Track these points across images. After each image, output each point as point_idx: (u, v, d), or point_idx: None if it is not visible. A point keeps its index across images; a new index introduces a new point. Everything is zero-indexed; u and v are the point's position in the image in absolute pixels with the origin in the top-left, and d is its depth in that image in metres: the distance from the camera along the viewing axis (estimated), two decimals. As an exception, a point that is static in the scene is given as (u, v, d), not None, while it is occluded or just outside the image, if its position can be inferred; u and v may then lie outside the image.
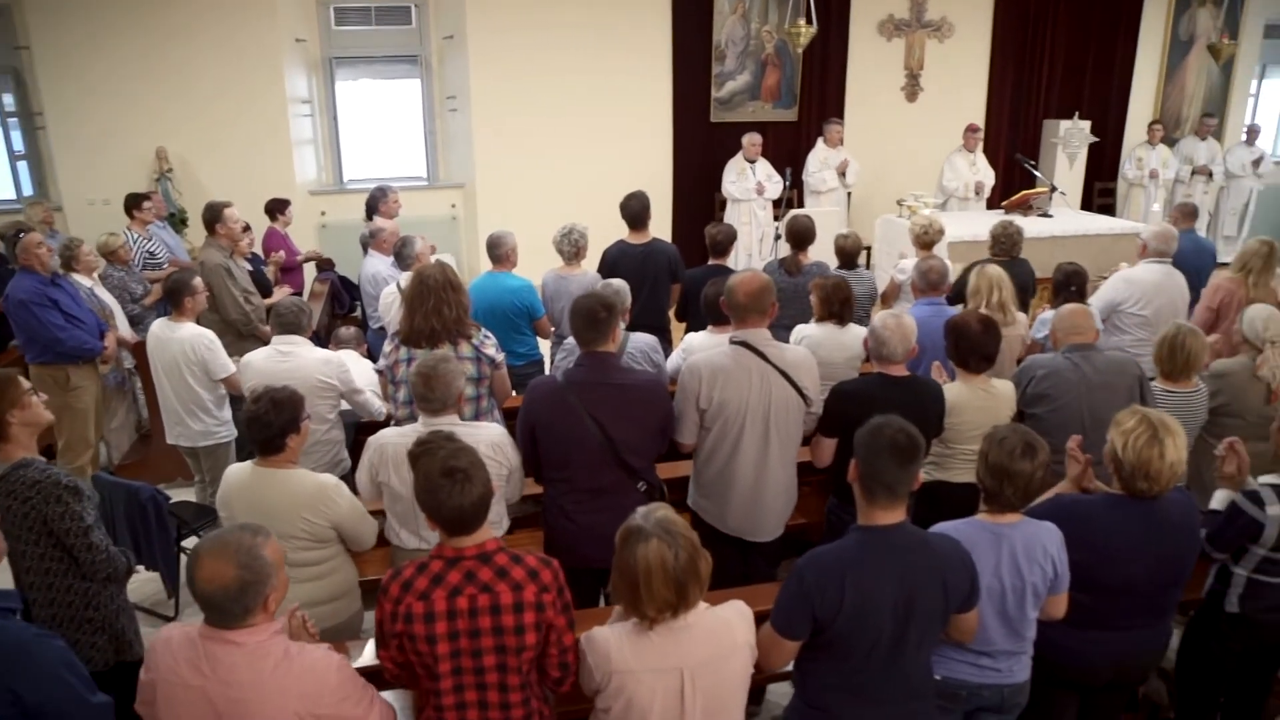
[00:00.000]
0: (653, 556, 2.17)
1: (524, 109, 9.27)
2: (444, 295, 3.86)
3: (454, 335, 3.90)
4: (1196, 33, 11.50)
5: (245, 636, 2.16)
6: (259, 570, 2.15)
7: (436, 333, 3.87)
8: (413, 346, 3.89)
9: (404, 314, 3.94)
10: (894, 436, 2.42)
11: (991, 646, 2.77)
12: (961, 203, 9.37)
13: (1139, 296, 5.51)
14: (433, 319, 3.85)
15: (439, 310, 3.85)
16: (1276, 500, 3.05)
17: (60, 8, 8.06)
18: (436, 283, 3.86)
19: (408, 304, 3.91)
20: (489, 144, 9.30)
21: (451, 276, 3.94)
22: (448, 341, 3.89)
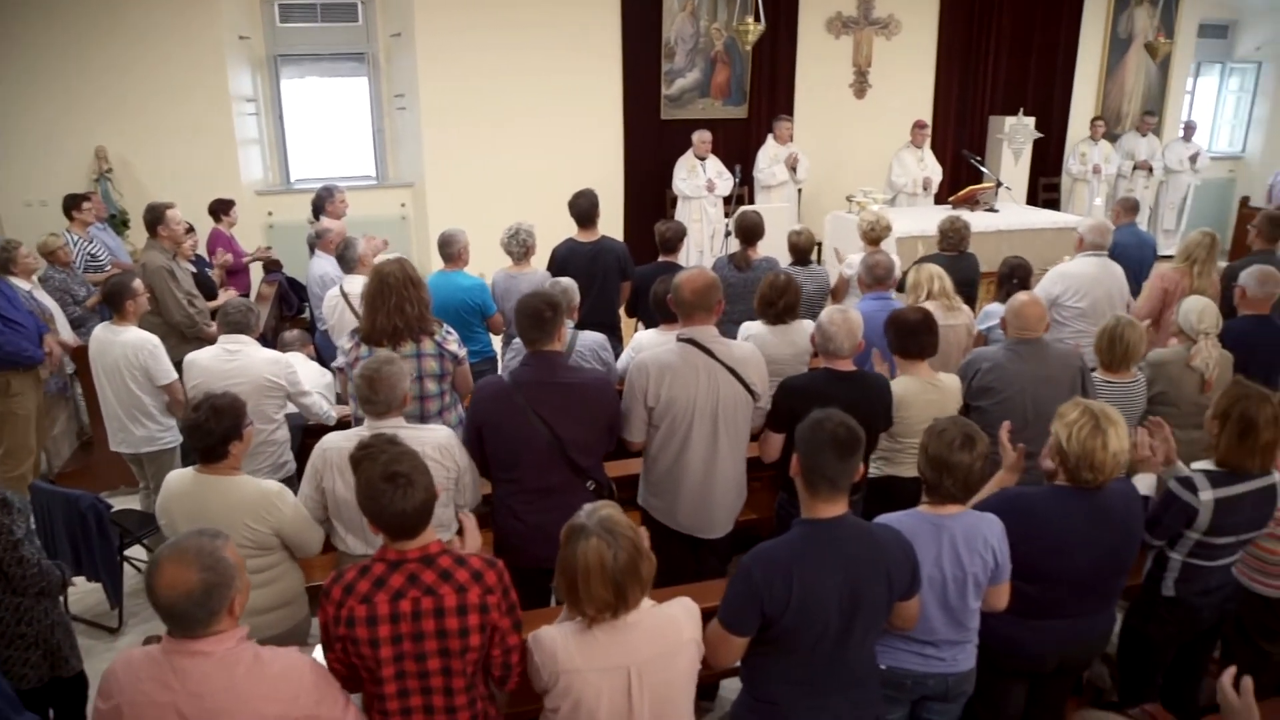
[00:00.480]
0: (591, 555, 2.17)
1: (474, 107, 9.20)
2: (406, 292, 3.83)
3: (417, 332, 3.87)
4: (1135, 31, 11.77)
5: (213, 645, 2.09)
6: (223, 572, 2.09)
7: (400, 330, 3.83)
8: (375, 345, 3.84)
9: (365, 312, 3.89)
10: (834, 430, 2.44)
11: (935, 636, 2.80)
12: (910, 198, 9.49)
13: (1075, 289, 5.62)
14: (395, 317, 3.81)
15: (401, 308, 3.81)
16: (1209, 486, 3.11)
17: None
18: (397, 280, 3.82)
19: (369, 302, 3.86)
20: (438, 142, 9.22)
21: (411, 273, 3.91)
22: (410, 339, 3.86)
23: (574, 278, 4.87)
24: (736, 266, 5.47)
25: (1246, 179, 13.31)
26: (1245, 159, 13.57)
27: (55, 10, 7.95)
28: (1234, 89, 13.63)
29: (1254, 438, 3.07)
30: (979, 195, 8.79)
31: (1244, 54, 13.31)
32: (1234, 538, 3.18)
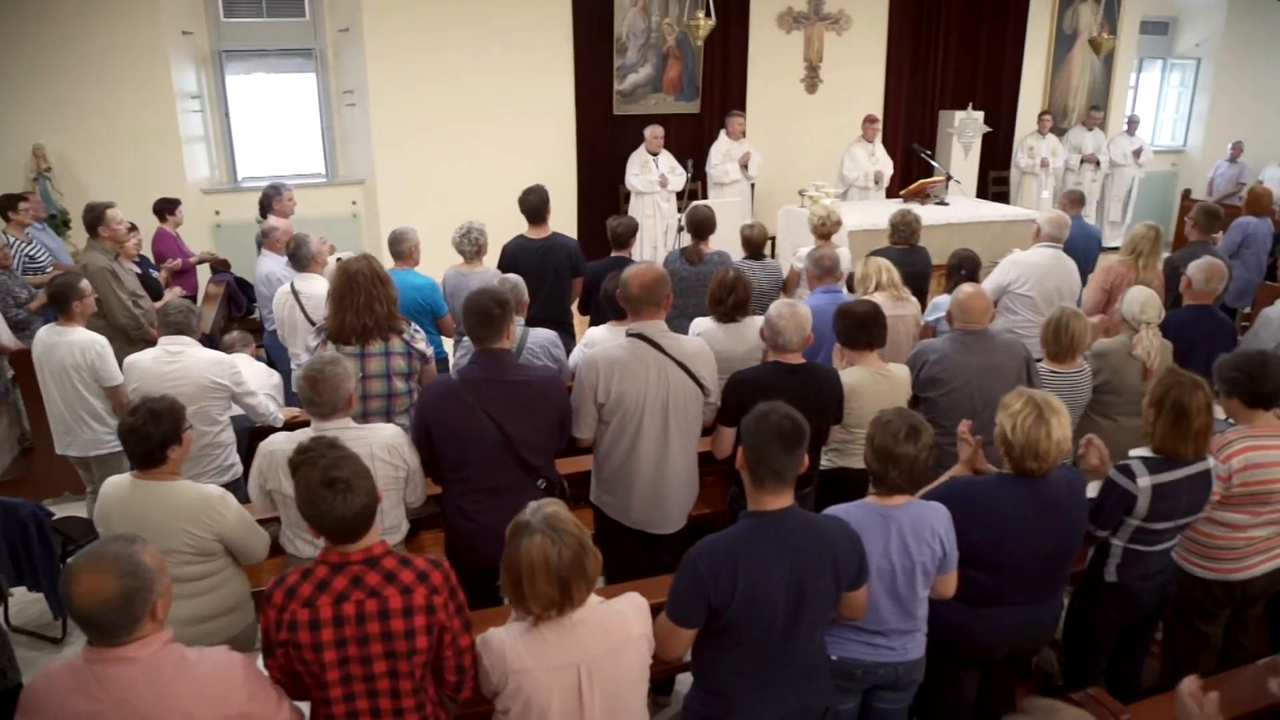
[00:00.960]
0: (536, 552, 2.16)
1: (424, 103, 9.11)
2: (374, 290, 3.79)
3: (386, 331, 3.83)
4: (1079, 27, 11.98)
5: (137, 650, 2.05)
6: (142, 577, 2.05)
7: (369, 329, 3.79)
8: (343, 343, 3.79)
9: (333, 310, 3.83)
10: (779, 423, 2.45)
11: (885, 626, 2.82)
12: (862, 192, 9.56)
13: (1027, 278, 5.71)
14: (365, 315, 3.77)
15: (370, 306, 3.77)
16: (1147, 472, 3.16)
17: (-76, -1, 7.61)
18: (366, 278, 3.78)
19: (336, 300, 3.81)
20: (389, 139, 9.11)
21: (380, 270, 3.87)
22: (379, 337, 3.82)
23: (525, 275, 4.85)
24: (688, 261, 5.48)
25: (1189, 172, 13.62)
26: (1187, 153, 13.88)
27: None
28: (1175, 84, 13.93)
29: (1187, 424, 3.13)
30: (929, 189, 8.89)
31: (1184, 50, 13.61)
32: (1172, 523, 3.23)
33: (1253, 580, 3.49)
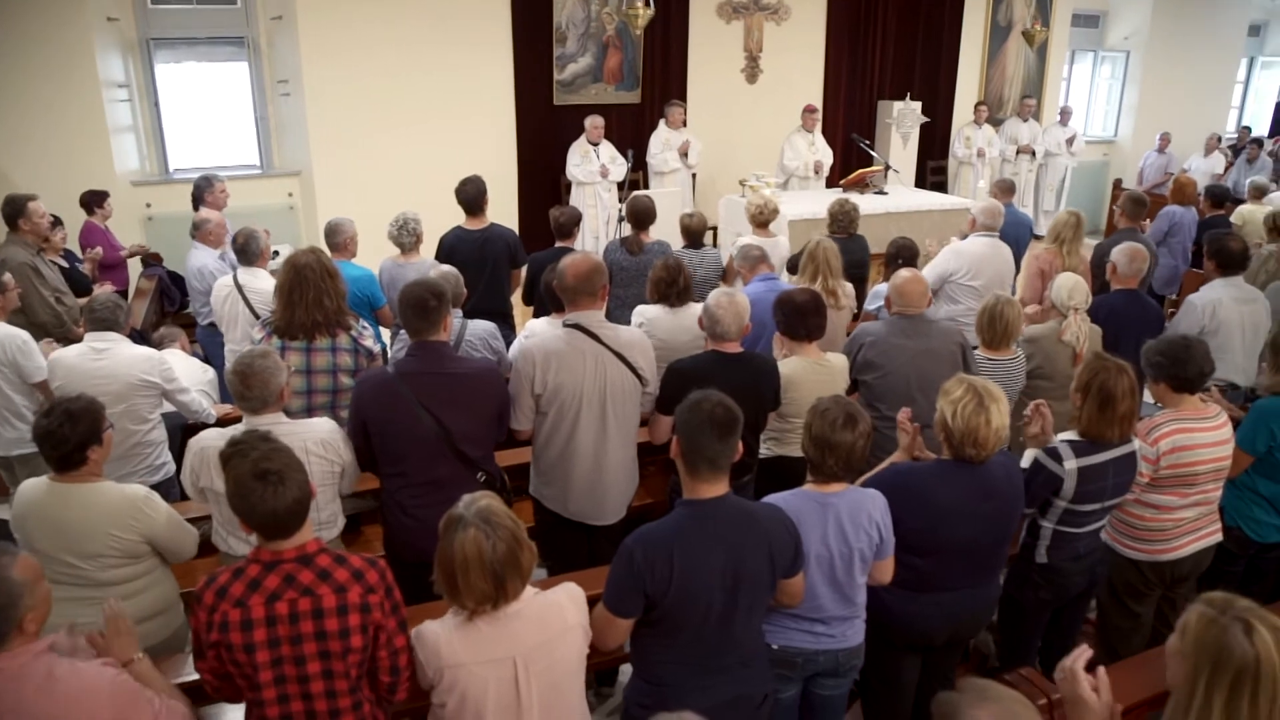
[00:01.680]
0: (469, 547, 2.14)
1: (361, 92, 8.94)
2: (324, 285, 3.73)
3: (334, 327, 3.78)
4: (1013, 19, 12.21)
5: (2, 662, 2.00)
6: (7, 592, 2.00)
7: (319, 324, 3.74)
8: (290, 339, 3.73)
9: (281, 306, 3.76)
10: (712, 411, 2.45)
11: (824, 613, 2.84)
12: (802, 182, 9.64)
13: (968, 268, 5.81)
14: (315, 311, 3.71)
15: (320, 301, 3.71)
16: (1073, 455, 3.22)
17: None
18: (315, 273, 3.72)
19: (284, 296, 3.74)
20: (325, 129, 8.94)
21: (328, 264, 3.81)
22: (327, 333, 3.76)
23: (463, 266, 4.80)
24: (629, 251, 5.47)
25: (1120, 162, 13.98)
26: (1118, 143, 14.24)
27: (-101, -11, 7.43)
28: (1106, 76, 14.27)
29: (1113, 409, 3.19)
30: (868, 178, 8.99)
31: (1114, 43, 13.96)
32: (1099, 504, 3.30)
33: (1181, 560, 3.59)
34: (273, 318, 3.85)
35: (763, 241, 5.79)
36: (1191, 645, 1.83)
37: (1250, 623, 1.77)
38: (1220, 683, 1.76)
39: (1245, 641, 1.75)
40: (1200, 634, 1.82)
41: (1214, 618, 1.81)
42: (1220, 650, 1.77)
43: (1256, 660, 1.74)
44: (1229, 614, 1.80)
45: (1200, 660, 1.80)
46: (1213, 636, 1.79)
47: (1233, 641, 1.76)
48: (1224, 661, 1.76)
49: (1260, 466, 3.76)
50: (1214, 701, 1.76)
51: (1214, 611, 1.82)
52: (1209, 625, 1.81)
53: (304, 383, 3.81)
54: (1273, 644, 1.75)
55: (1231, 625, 1.78)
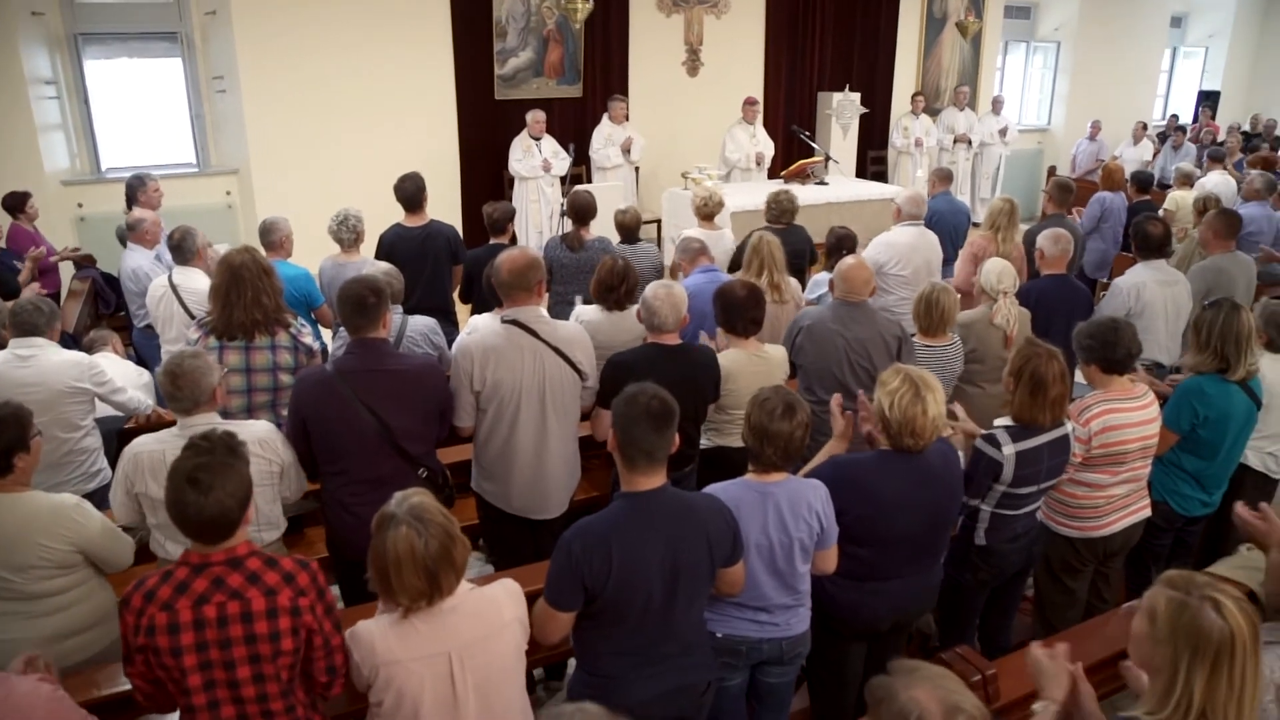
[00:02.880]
0: (401, 544, 2.13)
1: (299, 89, 8.80)
2: (261, 283, 3.70)
3: (272, 325, 3.74)
4: (948, 11, 12.41)
5: None
6: None
7: (257, 323, 3.70)
8: (229, 339, 3.69)
9: (218, 306, 3.72)
10: (648, 404, 2.47)
11: (767, 602, 2.86)
12: (744, 173, 9.71)
13: (898, 258, 5.91)
14: (253, 310, 3.68)
15: (259, 300, 3.68)
16: (1010, 440, 3.28)
17: None
18: (251, 271, 3.69)
19: (221, 296, 3.70)
20: (263, 127, 8.78)
21: (264, 262, 3.78)
22: (266, 332, 3.73)
23: (404, 263, 4.77)
24: (569, 247, 5.46)
25: (1053, 149, 14.31)
26: (1051, 131, 14.57)
27: None
28: (1038, 66, 14.58)
29: (1044, 394, 3.25)
30: (809, 169, 9.08)
31: (1045, 34, 14.27)
32: (1035, 486, 3.37)
33: (1113, 536, 3.69)
34: (208, 318, 3.80)
35: (708, 233, 5.84)
36: (1167, 630, 1.84)
37: (1218, 600, 1.81)
38: (1201, 664, 1.79)
39: (1219, 620, 1.79)
40: (1174, 618, 1.83)
41: (1184, 600, 1.83)
42: (1198, 633, 1.80)
43: (1231, 636, 1.78)
44: (1196, 594, 1.83)
45: (1180, 644, 1.82)
46: (1187, 619, 1.81)
47: (1207, 622, 1.79)
48: (1204, 643, 1.79)
49: (1185, 443, 3.88)
50: (1195, 682, 1.80)
51: (1181, 594, 1.84)
52: (1181, 608, 1.83)
53: (244, 382, 3.78)
54: (1241, 616, 1.79)
55: (1202, 606, 1.81)
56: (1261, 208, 7.55)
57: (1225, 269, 5.50)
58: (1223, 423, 3.79)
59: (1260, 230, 7.39)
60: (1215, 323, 3.77)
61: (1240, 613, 1.80)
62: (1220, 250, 5.60)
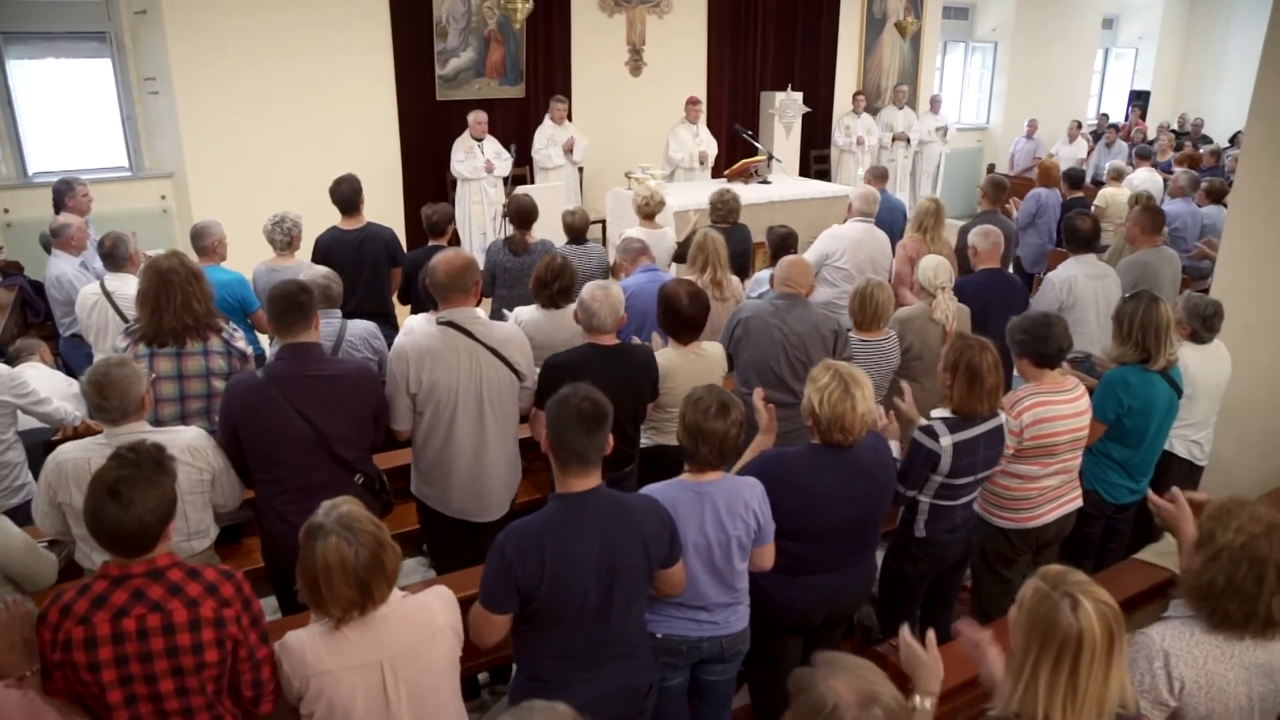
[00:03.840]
0: (331, 554, 2.10)
1: (235, 90, 8.63)
2: (190, 288, 3.66)
3: (204, 330, 3.69)
4: (888, 11, 12.58)
5: None
6: None
7: (189, 328, 3.66)
8: (160, 345, 3.64)
9: (147, 312, 3.66)
10: (579, 405, 2.46)
11: (706, 600, 2.87)
12: (687, 173, 9.72)
13: (843, 250, 5.97)
14: (184, 315, 3.63)
15: (189, 304, 3.64)
16: (948, 431, 3.34)
17: None
18: (180, 276, 3.64)
19: (150, 301, 3.65)
20: (198, 129, 8.59)
21: (193, 266, 3.73)
22: (198, 337, 3.68)
23: (340, 267, 4.70)
24: (513, 251, 5.43)
25: (992, 148, 14.58)
26: (990, 129, 14.83)
27: None
28: (977, 66, 14.85)
29: (980, 384, 3.31)
30: (752, 168, 9.12)
31: (983, 34, 14.53)
32: (971, 477, 3.43)
33: (1046, 526, 3.76)
34: (136, 325, 3.74)
35: (649, 233, 5.85)
36: (1025, 618, 1.90)
37: (1077, 598, 1.84)
38: (1047, 654, 1.84)
39: (1071, 616, 1.82)
40: (1033, 608, 1.89)
41: (1046, 593, 1.88)
42: (1049, 624, 1.84)
43: (1079, 634, 1.82)
44: (1060, 589, 1.87)
45: (1031, 633, 1.87)
46: (1044, 611, 1.86)
47: (1060, 616, 1.83)
48: (1051, 635, 1.84)
49: (1112, 433, 3.97)
50: (1040, 671, 1.84)
51: (1046, 586, 1.89)
52: (1041, 600, 1.88)
53: (176, 389, 3.73)
54: (1095, 618, 1.82)
55: (1061, 600, 1.85)
56: (1186, 204, 7.79)
57: (1151, 263, 5.65)
58: (1146, 412, 3.88)
59: (1185, 226, 7.63)
60: (1135, 315, 3.87)
61: (1097, 617, 1.82)
62: (1147, 245, 5.75)
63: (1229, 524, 2.20)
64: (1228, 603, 2.17)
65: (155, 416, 3.66)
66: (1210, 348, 4.22)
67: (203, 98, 8.52)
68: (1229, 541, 2.18)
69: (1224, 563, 2.17)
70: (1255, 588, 2.15)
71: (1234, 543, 2.17)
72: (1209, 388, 4.21)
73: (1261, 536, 2.16)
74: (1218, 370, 4.24)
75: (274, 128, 8.81)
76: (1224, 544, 2.18)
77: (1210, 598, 2.20)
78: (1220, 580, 2.17)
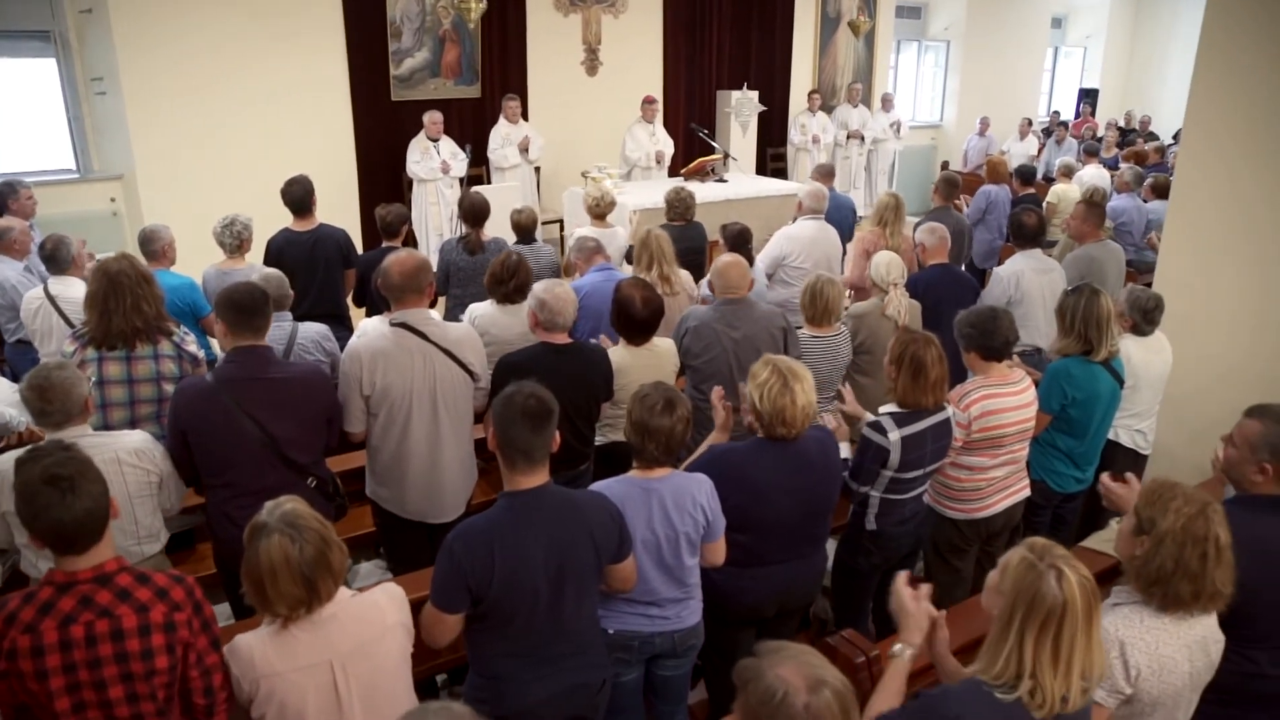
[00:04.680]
0: (275, 553, 2.09)
1: (186, 90, 8.49)
2: (140, 290, 3.61)
3: (155, 333, 3.64)
4: (841, 10, 12.70)
5: None
6: None
7: (139, 331, 3.61)
8: (109, 349, 3.58)
9: (96, 315, 3.61)
10: (524, 403, 2.47)
11: (657, 596, 2.89)
12: (644, 172, 9.76)
13: (798, 251, 6.02)
14: (134, 317, 3.57)
15: (139, 307, 3.58)
16: (896, 426, 3.39)
17: None
18: (129, 278, 3.59)
19: (99, 304, 3.59)
20: (147, 131, 8.45)
21: (142, 269, 3.68)
22: (148, 340, 3.63)
23: (293, 269, 4.67)
24: (468, 250, 5.42)
25: (946, 145, 14.77)
26: (943, 127, 15.03)
27: None
28: (930, 65, 15.04)
29: (925, 377, 3.36)
30: (709, 166, 9.18)
31: (935, 33, 14.72)
32: (920, 470, 3.49)
33: (995, 516, 3.84)
34: (85, 329, 3.68)
35: (601, 233, 5.87)
36: (1010, 585, 1.99)
37: (1062, 570, 1.94)
38: (1032, 622, 1.94)
39: (1056, 587, 1.93)
40: (1019, 577, 1.98)
41: (1033, 563, 1.97)
42: (1035, 594, 1.94)
43: (1064, 604, 1.92)
44: (1046, 560, 1.97)
45: (1017, 600, 1.97)
46: (1029, 581, 1.95)
47: (1045, 587, 1.93)
48: (1037, 604, 1.94)
49: (1057, 423, 4.05)
50: (1027, 637, 1.94)
51: (1033, 557, 1.99)
52: (1028, 569, 1.97)
53: (126, 393, 3.67)
54: (1078, 589, 1.93)
55: (1047, 572, 1.94)
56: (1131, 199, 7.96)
57: (1096, 257, 5.77)
58: (1090, 402, 3.97)
59: (1131, 220, 7.80)
60: (1078, 308, 3.95)
61: (1079, 588, 1.93)
62: (1092, 240, 5.87)
63: (1167, 509, 2.27)
64: (1178, 584, 2.26)
65: (104, 421, 3.62)
66: (1152, 339, 4.33)
67: (152, 98, 8.38)
68: (1170, 525, 2.26)
69: (1169, 546, 2.25)
70: (1200, 565, 2.24)
71: (1175, 526, 2.25)
72: (1151, 378, 4.31)
73: (1198, 516, 2.25)
74: (1159, 361, 4.35)
75: (225, 128, 8.69)
76: (1166, 529, 2.26)
77: (1161, 581, 2.28)
78: (1169, 564, 2.25)
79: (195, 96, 8.53)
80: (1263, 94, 4.42)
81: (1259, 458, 2.76)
